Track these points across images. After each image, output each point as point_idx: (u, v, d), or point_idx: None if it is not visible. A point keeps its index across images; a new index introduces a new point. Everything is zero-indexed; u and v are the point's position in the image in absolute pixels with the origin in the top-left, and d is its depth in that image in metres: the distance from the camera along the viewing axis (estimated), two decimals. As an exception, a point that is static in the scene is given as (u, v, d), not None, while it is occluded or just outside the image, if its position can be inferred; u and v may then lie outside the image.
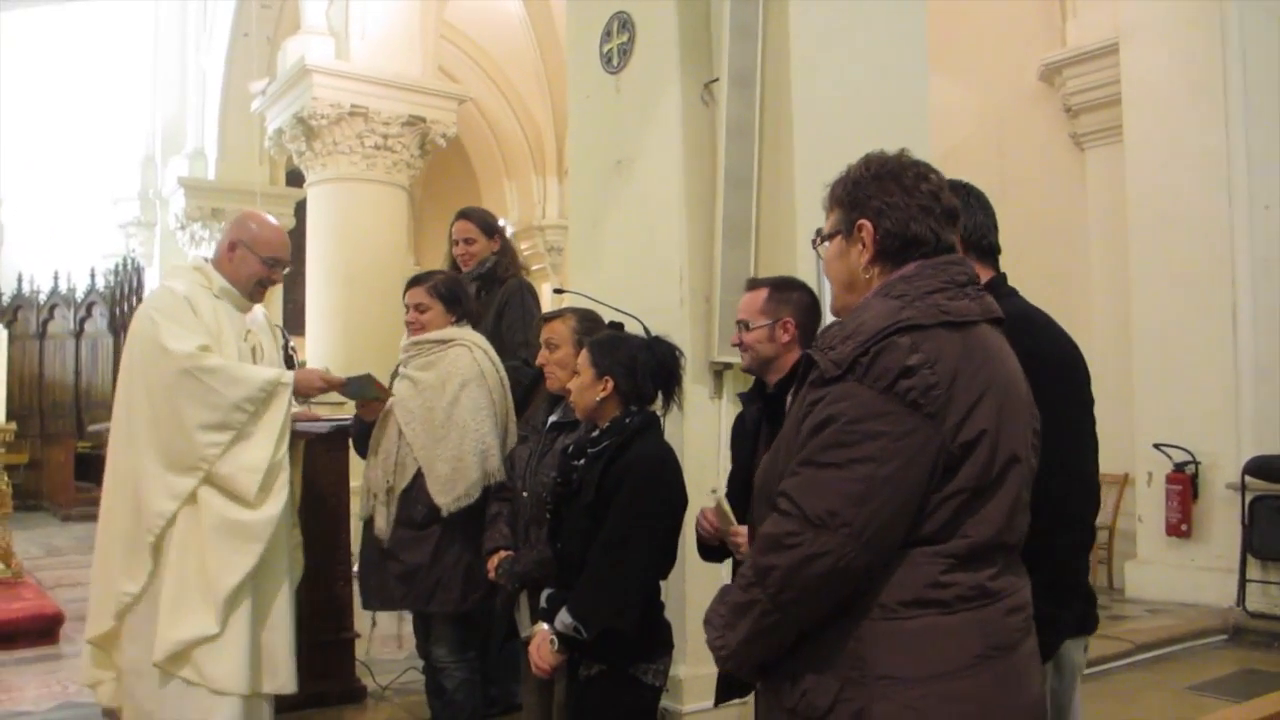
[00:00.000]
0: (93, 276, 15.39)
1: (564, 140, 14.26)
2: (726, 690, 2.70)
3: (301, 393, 3.40)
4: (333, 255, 8.79)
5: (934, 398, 1.55)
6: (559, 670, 2.77)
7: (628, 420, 2.81)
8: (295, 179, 11.89)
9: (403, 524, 3.46)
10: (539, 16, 12.77)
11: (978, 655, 1.59)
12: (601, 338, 2.98)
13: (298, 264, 11.43)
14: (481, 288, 4.29)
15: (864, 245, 1.74)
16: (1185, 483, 6.72)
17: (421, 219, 15.58)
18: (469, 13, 12.25)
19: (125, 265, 14.87)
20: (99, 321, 15.46)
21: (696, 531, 2.64)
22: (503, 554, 3.23)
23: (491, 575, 3.23)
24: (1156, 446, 6.80)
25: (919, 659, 1.57)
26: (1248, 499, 6.40)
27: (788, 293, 2.74)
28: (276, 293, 13.81)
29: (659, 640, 2.84)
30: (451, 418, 3.46)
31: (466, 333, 3.66)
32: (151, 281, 13.76)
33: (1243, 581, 6.35)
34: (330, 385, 3.47)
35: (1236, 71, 6.41)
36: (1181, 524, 6.73)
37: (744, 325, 2.74)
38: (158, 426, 3.14)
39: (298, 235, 11.64)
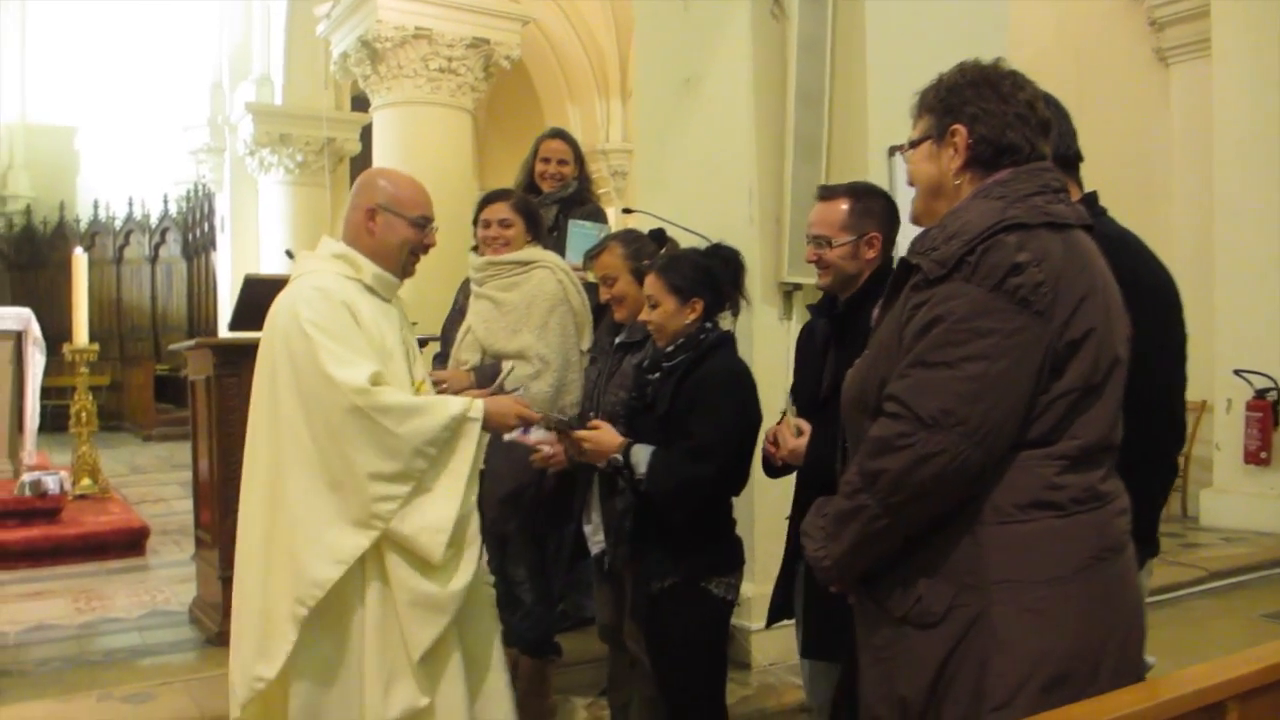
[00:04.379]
0: (165, 203, 15.72)
1: (628, 62, 14.05)
2: (777, 612, 2.75)
3: (493, 429, 2.66)
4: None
5: (1042, 295, 1.54)
6: (624, 571, 2.82)
7: (702, 336, 2.79)
8: (361, 104, 11.91)
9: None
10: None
11: (1092, 557, 1.59)
12: (668, 262, 2.92)
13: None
14: (561, 210, 4.28)
15: (956, 150, 1.72)
16: (1266, 409, 6.58)
17: (485, 143, 15.54)
18: (531, -68, 12.05)
19: (196, 191, 15.14)
20: (173, 247, 15.86)
21: (763, 450, 2.64)
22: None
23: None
24: (1237, 373, 6.64)
25: (1037, 562, 1.57)
26: (1332, 426, 6.23)
27: (869, 202, 2.59)
28: (341, 217, 13.97)
29: (731, 554, 2.86)
30: (543, 339, 3.42)
31: (549, 255, 3.60)
32: (222, 207, 13.98)
33: (1323, 510, 6.23)
34: (528, 421, 2.73)
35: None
36: (1261, 451, 6.60)
37: (824, 241, 2.57)
38: (319, 468, 2.43)
39: (365, 161, 11.81)
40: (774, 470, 2.70)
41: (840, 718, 2.40)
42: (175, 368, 13.06)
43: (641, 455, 2.68)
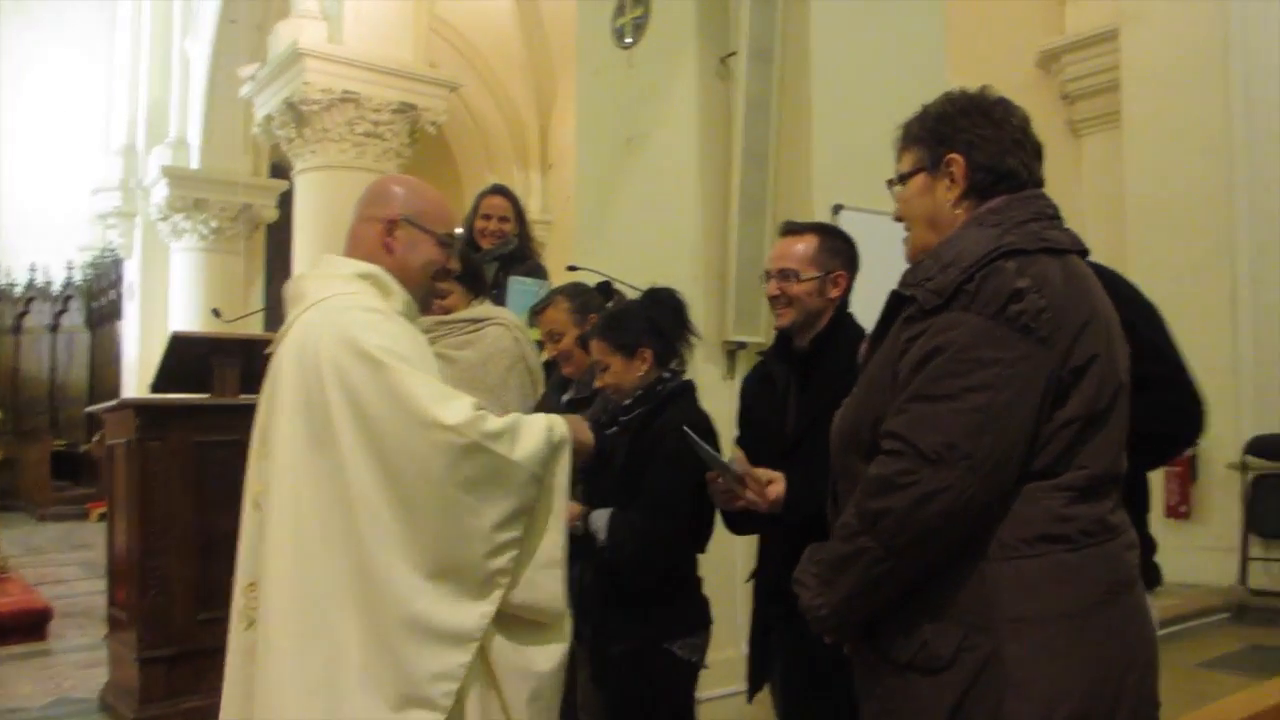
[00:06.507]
0: (70, 269, 15.18)
1: (549, 134, 14.18)
2: (759, 681, 2.62)
3: (579, 441, 2.16)
4: (322, 245, 8.67)
5: (1044, 321, 1.49)
6: (581, 649, 2.69)
7: (659, 387, 2.72)
8: (279, 171, 11.76)
9: None
10: (526, 9, 12.69)
11: (1105, 592, 1.53)
12: (607, 321, 2.85)
13: (283, 257, 11.46)
14: (502, 267, 4.21)
15: (953, 180, 1.68)
16: (1184, 465, 6.75)
17: (405, 211, 15.42)
18: (455, 5, 12.16)
19: (104, 257, 14.68)
20: (75, 316, 15.28)
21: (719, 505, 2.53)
22: None
23: None
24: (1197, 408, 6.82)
25: (1049, 598, 1.50)
26: (1249, 478, 6.43)
27: (837, 241, 2.54)
28: (256, 286, 13.68)
29: (696, 614, 2.75)
30: (501, 400, 3.30)
31: (502, 311, 3.51)
32: (130, 274, 13.57)
33: (1245, 559, 6.40)
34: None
35: (1237, 55, 6.44)
36: (1180, 505, 6.76)
37: (790, 275, 2.45)
38: (412, 547, 1.84)
39: (282, 229, 11.62)
40: (738, 523, 2.62)
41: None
42: (73, 443, 12.51)
43: (600, 520, 2.58)
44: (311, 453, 1.86)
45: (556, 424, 2.06)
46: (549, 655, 2.00)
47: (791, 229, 2.57)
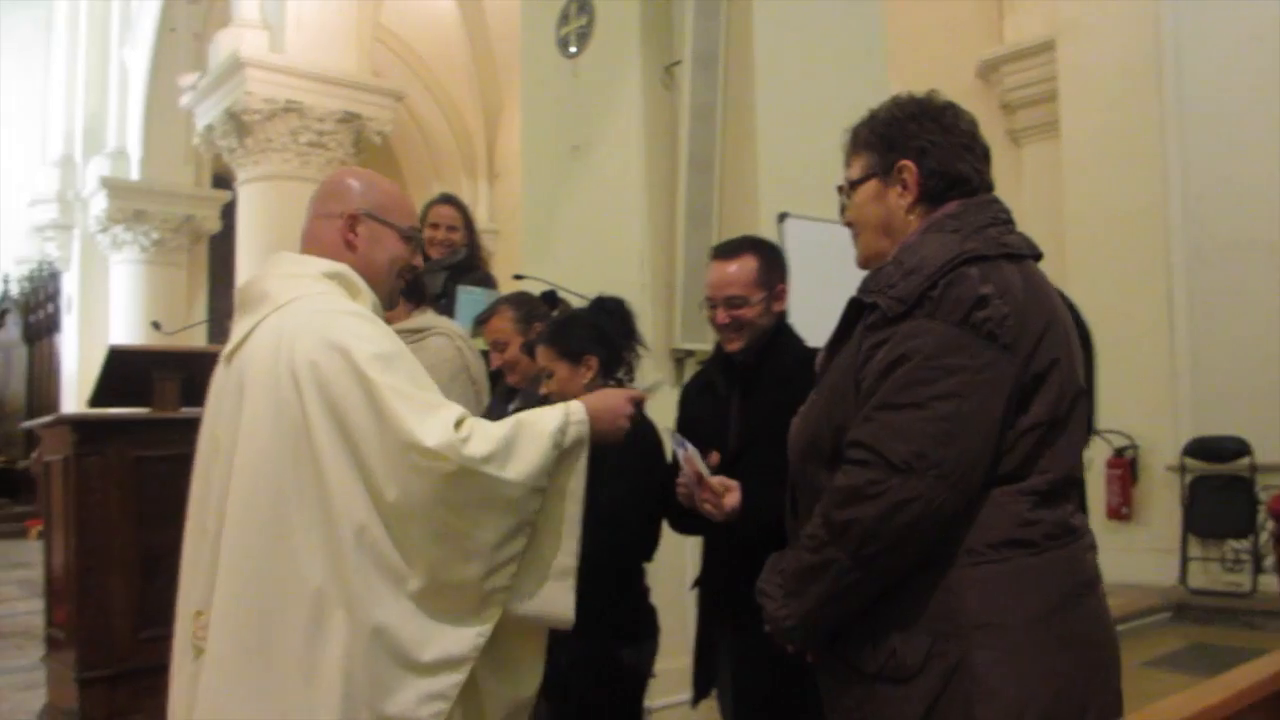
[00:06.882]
0: (6, 283, 14.82)
1: (496, 144, 14.13)
2: (704, 688, 2.61)
3: (605, 431, 1.95)
4: (266, 257, 8.55)
5: (1008, 328, 1.50)
6: None
7: None
8: (221, 182, 11.57)
9: None
10: (472, 18, 12.64)
11: (1069, 594, 1.54)
12: (553, 329, 2.84)
13: (227, 269, 11.30)
14: (450, 277, 4.18)
15: (905, 187, 1.67)
16: (1125, 467, 6.89)
17: (351, 222, 15.27)
18: (401, 13, 12.08)
19: (41, 270, 14.35)
20: (12, 330, 14.89)
21: (684, 504, 2.53)
22: None
23: None
24: (1095, 433, 6.93)
25: (1015, 602, 1.50)
26: (1187, 480, 6.57)
27: (772, 254, 2.54)
28: (199, 298, 13.45)
29: (644, 621, 2.75)
30: None
31: (443, 321, 3.47)
32: (69, 287, 13.28)
33: (1184, 560, 6.53)
34: (639, 401, 2.06)
35: (1171, 66, 6.60)
36: (1122, 507, 6.89)
37: (740, 301, 2.42)
38: (419, 561, 1.73)
39: (225, 240, 11.45)
40: (681, 524, 2.61)
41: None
42: (12, 459, 12.20)
43: None
44: (288, 470, 1.69)
45: (572, 425, 1.85)
46: (535, 672, 1.89)
47: (725, 251, 2.53)
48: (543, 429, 1.81)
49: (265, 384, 1.73)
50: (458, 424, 1.71)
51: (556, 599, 1.84)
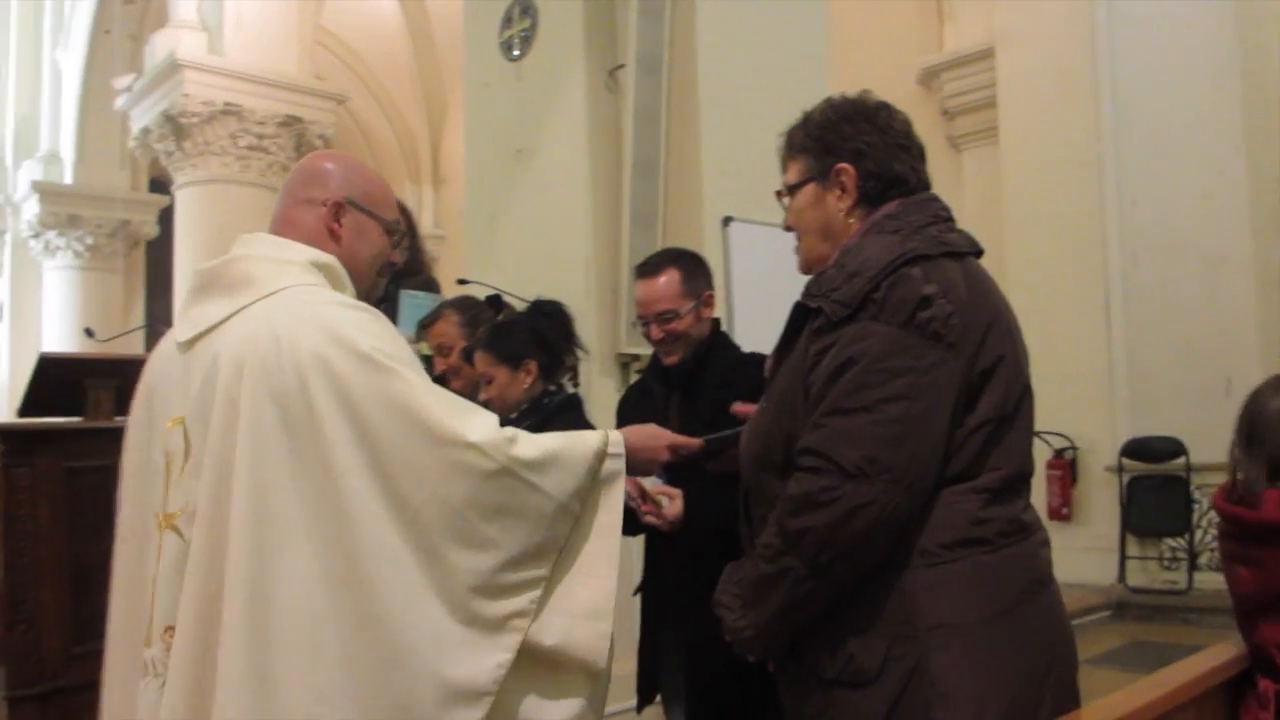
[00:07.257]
0: (-67, 290, 14.40)
1: (440, 148, 14.02)
2: (648, 694, 2.58)
3: (640, 465, 1.85)
4: (204, 262, 8.40)
5: (952, 327, 1.49)
6: None
7: (546, 400, 2.68)
8: (158, 186, 11.34)
9: None
10: (415, 20, 12.54)
11: (1023, 591, 1.54)
12: (491, 333, 2.81)
13: (164, 275, 11.06)
14: (393, 281, 4.12)
15: (844, 190, 1.67)
16: (1065, 468, 7.00)
17: (294, 228, 15.07)
18: (342, 15, 11.94)
19: (-30, 277, 13.96)
20: (-59, 339, 14.47)
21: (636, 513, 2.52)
22: None
23: None
24: (1036, 434, 7.05)
25: (970, 602, 1.50)
26: (1125, 480, 6.69)
27: (692, 263, 2.55)
28: (136, 304, 13.16)
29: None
30: None
31: None
32: (0, 293, 12.92)
33: (1123, 559, 6.64)
34: (685, 452, 1.91)
35: (1106, 74, 6.73)
36: (1063, 507, 6.99)
37: (671, 315, 2.44)
38: (441, 573, 1.57)
39: (163, 245, 11.22)
40: (630, 527, 2.59)
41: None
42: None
43: None
44: (290, 475, 1.52)
45: (610, 458, 1.72)
46: (564, 709, 1.68)
47: (648, 269, 2.53)
48: (584, 451, 1.69)
49: (256, 379, 1.54)
50: (499, 425, 1.60)
51: (585, 641, 1.65)
